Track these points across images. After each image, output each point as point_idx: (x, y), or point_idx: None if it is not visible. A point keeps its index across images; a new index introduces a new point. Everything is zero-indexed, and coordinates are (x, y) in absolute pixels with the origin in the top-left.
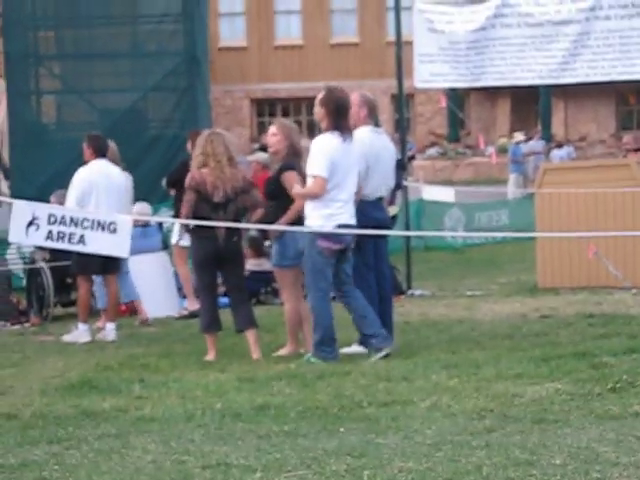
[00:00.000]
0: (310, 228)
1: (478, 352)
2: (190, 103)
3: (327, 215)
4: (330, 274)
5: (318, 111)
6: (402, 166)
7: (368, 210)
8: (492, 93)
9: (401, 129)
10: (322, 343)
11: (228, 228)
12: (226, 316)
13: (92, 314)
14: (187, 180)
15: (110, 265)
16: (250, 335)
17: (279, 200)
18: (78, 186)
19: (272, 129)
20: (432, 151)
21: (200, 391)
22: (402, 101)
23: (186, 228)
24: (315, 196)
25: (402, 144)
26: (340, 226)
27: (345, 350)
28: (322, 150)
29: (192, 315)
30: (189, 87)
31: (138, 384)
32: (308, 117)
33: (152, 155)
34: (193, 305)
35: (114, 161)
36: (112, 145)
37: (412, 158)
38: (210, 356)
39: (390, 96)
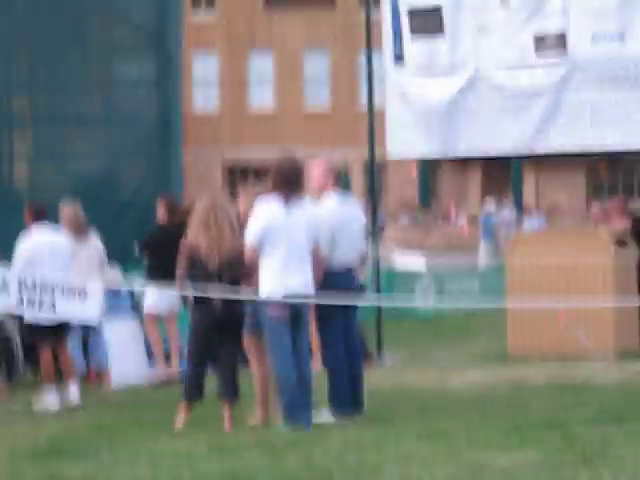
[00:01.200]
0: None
1: (449, 421)
2: (163, 168)
3: (275, 283)
4: (287, 339)
5: (269, 180)
6: (375, 234)
7: (337, 281)
8: (463, 162)
9: (372, 198)
10: (289, 410)
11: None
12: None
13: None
14: (181, 246)
15: (60, 331)
16: (227, 407)
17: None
18: (21, 258)
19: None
20: (403, 219)
21: (170, 459)
22: (373, 170)
23: (184, 297)
24: (247, 262)
25: (373, 214)
26: (288, 295)
27: (316, 419)
28: (255, 217)
29: (162, 383)
30: (162, 153)
31: (107, 451)
32: None
33: (124, 220)
34: (162, 372)
35: (78, 225)
36: (76, 210)
37: (382, 228)
38: (179, 423)
39: (363, 164)
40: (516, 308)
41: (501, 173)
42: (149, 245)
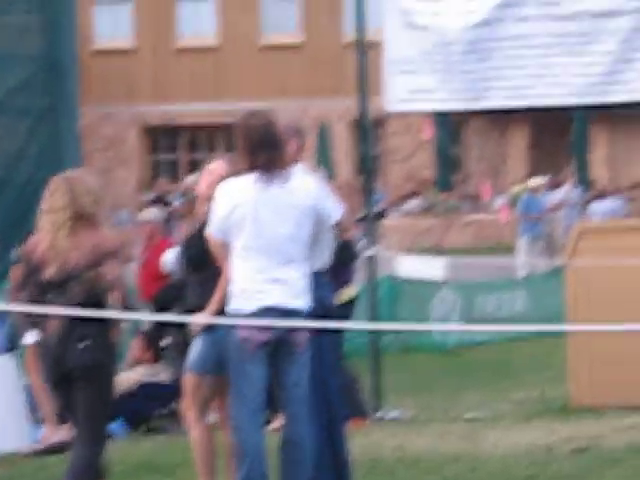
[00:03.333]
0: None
1: None
2: (50, 132)
3: (248, 292)
4: (258, 378)
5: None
6: (370, 225)
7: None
8: (502, 119)
9: (366, 171)
10: None
11: (67, 324)
12: (115, 447)
13: None
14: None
15: None
16: None
17: (205, 272)
18: None
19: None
20: (412, 204)
21: None
22: (366, 130)
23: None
24: (217, 260)
25: (367, 194)
26: (266, 309)
27: None
28: (218, 201)
29: (51, 450)
30: (49, 109)
31: None
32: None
33: None
34: (52, 435)
35: None
36: None
37: (381, 215)
38: None
39: (348, 123)
40: (581, 334)
41: (558, 135)
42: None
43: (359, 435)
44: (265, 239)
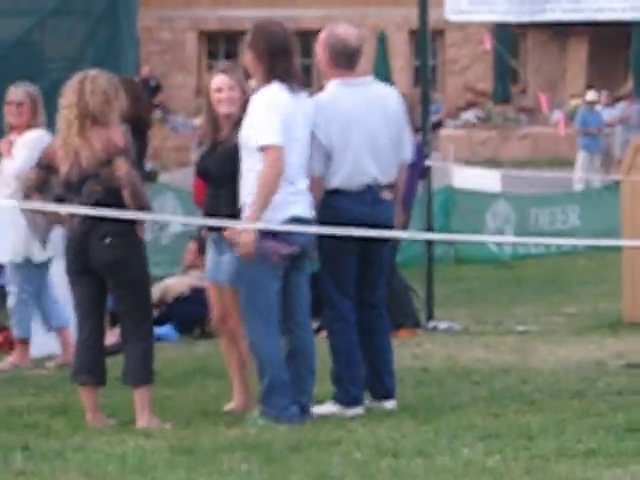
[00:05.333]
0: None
1: (532, 416)
2: (108, 35)
3: (275, 203)
4: (275, 292)
5: (247, 56)
6: (426, 135)
7: (342, 205)
8: (561, 32)
9: (423, 81)
10: (272, 394)
11: (89, 222)
12: (167, 352)
13: None
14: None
15: None
16: (138, 395)
17: (233, 183)
18: None
19: (219, 79)
20: (469, 115)
21: (113, 466)
22: (425, 40)
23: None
24: (275, 178)
25: (424, 104)
26: (294, 220)
27: (318, 410)
28: (269, 108)
29: (107, 351)
30: (107, 12)
31: (21, 453)
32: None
33: (52, 109)
34: (109, 337)
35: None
36: (31, 91)
37: (438, 125)
38: (88, 417)
39: (408, 32)
40: (635, 249)
41: (618, 49)
42: None
43: (410, 344)
44: (296, 149)
